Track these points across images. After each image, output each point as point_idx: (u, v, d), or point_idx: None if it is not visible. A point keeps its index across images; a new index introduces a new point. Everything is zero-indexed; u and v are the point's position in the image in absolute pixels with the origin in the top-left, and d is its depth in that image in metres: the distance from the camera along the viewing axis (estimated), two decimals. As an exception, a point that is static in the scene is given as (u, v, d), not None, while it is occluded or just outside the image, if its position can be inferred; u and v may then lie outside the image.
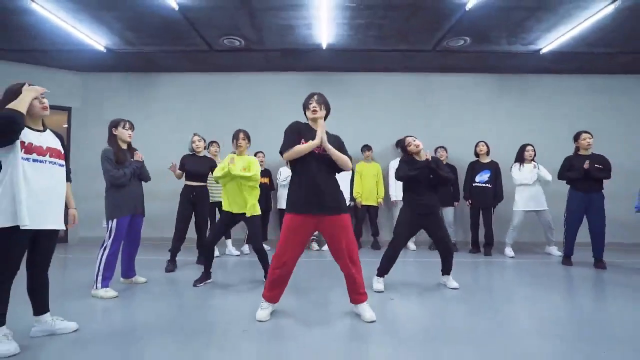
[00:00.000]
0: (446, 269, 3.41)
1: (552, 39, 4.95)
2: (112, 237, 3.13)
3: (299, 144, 2.45)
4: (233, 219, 3.47)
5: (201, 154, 4.36)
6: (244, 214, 3.43)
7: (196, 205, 4.20)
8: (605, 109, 6.20)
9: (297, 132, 2.50)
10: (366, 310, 2.54)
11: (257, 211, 3.47)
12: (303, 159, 2.44)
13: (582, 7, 4.13)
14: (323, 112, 2.57)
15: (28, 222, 1.93)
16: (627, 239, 5.53)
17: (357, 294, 2.57)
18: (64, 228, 2.23)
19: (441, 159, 5.18)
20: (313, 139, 2.43)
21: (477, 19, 4.41)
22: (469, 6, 4.09)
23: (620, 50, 5.22)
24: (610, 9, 4.06)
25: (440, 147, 5.69)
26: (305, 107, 2.59)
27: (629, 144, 5.46)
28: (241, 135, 3.53)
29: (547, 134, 6.01)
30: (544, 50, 5.28)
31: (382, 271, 3.31)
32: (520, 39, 4.96)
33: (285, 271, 2.51)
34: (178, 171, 4.23)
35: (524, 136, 5.74)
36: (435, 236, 3.29)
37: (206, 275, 3.51)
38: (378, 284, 3.26)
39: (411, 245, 5.59)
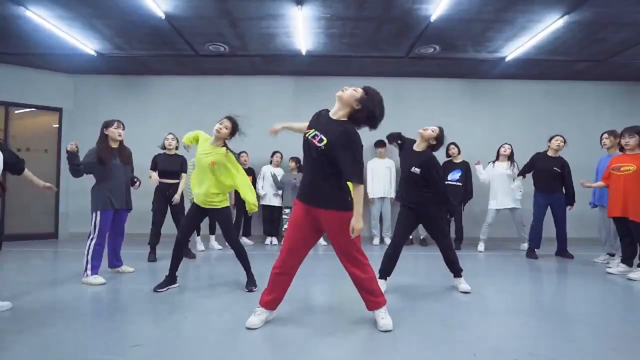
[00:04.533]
0: (453, 269, 3.19)
1: (515, 48, 5.33)
2: (97, 229, 3.37)
3: None
4: (201, 212, 3.14)
5: (172, 152, 4.58)
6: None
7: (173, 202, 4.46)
8: (563, 112, 6.64)
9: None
10: (380, 316, 2.29)
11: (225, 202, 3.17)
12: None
13: (535, 20, 4.51)
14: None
15: None
16: (584, 234, 5.93)
17: (369, 298, 2.31)
18: None
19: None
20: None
21: (442, 30, 4.76)
22: (433, 18, 4.45)
23: (575, 58, 5.63)
24: (561, 22, 4.45)
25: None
26: None
27: (584, 144, 5.88)
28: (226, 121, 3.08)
29: (515, 136, 6.37)
30: (509, 58, 5.66)
31: (383, 272, 3.06)
32: (484, 47, 5.34)
33: (286, 270, 2.25)
34: (154, 175, 4.34)
35: (494, 138, 6.11)
36: (429, 231, 3.20)
37: (170, 280, 3.13)
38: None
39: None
